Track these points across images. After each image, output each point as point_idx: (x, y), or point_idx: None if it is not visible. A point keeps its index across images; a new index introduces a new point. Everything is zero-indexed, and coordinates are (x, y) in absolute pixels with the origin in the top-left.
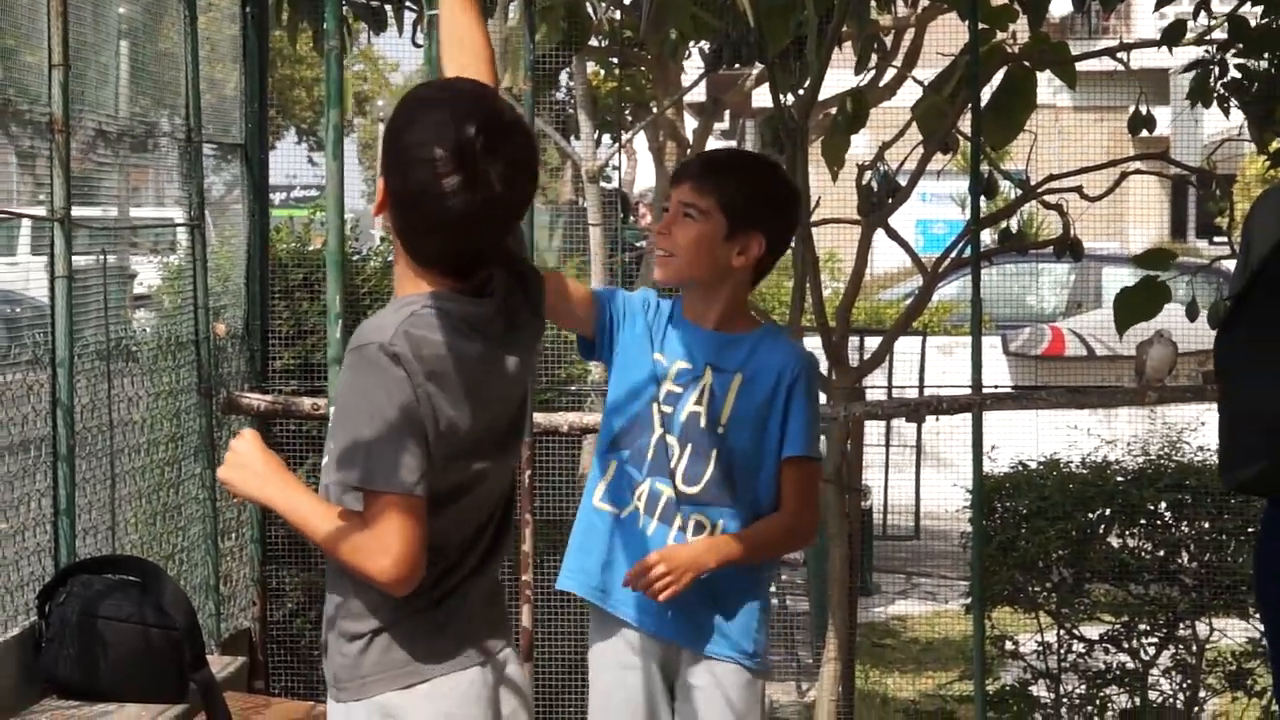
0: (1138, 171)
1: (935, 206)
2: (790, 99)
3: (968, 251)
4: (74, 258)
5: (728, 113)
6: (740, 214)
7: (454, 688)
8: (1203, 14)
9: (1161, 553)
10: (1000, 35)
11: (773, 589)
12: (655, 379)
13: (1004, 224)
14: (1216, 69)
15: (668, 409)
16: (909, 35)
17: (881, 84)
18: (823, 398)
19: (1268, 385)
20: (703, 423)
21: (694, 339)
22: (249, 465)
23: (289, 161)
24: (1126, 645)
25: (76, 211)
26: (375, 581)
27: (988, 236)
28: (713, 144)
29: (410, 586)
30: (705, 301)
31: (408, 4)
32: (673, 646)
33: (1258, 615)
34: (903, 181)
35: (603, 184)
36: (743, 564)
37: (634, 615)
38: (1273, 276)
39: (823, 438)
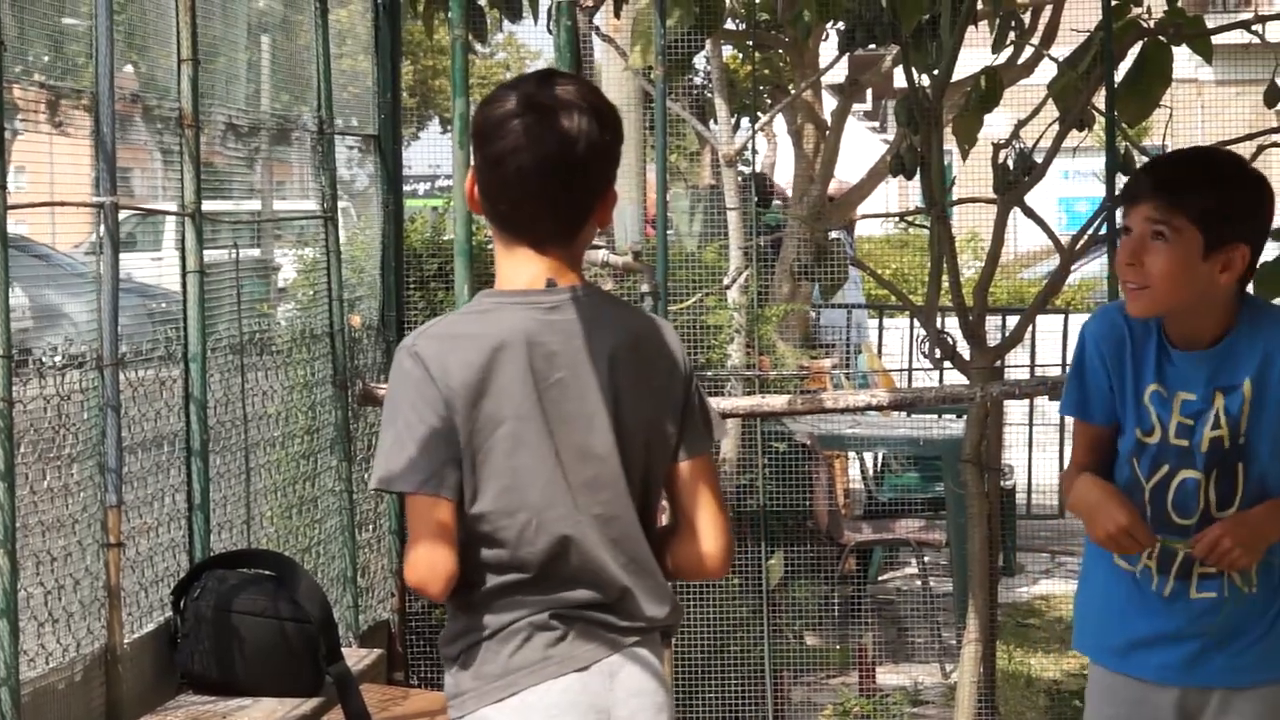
0: (1275, 145)
1: (1078, 184)
2: (925, 79)
3: (1105, 228)
4: (212, 252)
5: (869, 93)
6: (1218, 226)
7: (542, 697)
8: None
9: None
10: (1135, 10)
11: (914, 570)
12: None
13: None
14: None
15: (1182, 443)
16: (1046, 12)
17: (1019, 62)
18: (960, 378)
19: None
20: (1226, 444)
21: (1195, 366)
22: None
23: (433, 151)
24: None
25: (215, 206)
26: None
27: None
28: (854, 125)
29: (437, 589)
30: (1194, 324)
31: None
32: (1204, 693)
33: None
34: (1041, 160)
35: (741, 168)
36: None
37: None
38: None
39: None
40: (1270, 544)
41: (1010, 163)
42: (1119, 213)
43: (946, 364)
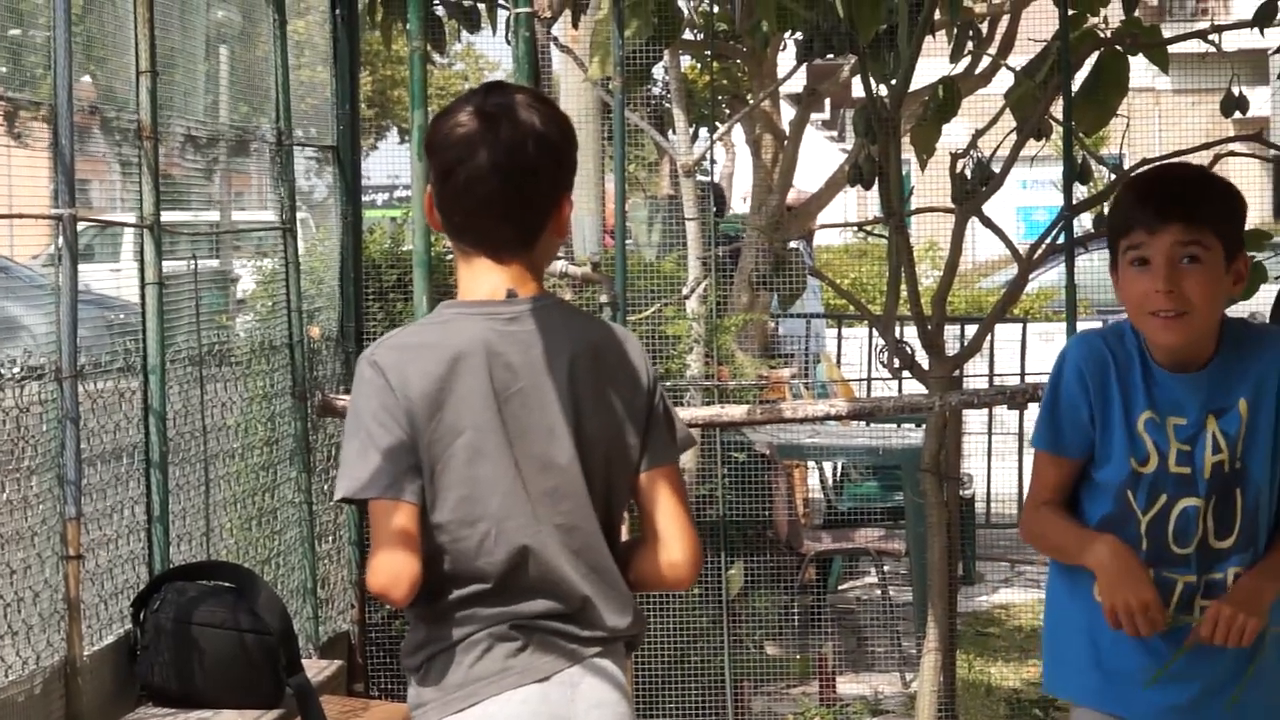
0: (1232, 154)
1: (1035, 193)
2: (883, 89)
3: (1063, 238)
4: (171, 263)
5: (827, 103)
6: (1234, 237)
7: (503, 708)
8: None
9: None
10: (1092, 20)
11: (874, 579)
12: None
13: (1100, 209)
14: None
15: (1183, 470)
16: (1003, 22)
17: (976, 72)
18: (919, 387)
19: None
20: (1226, 469)
21: (1188, 389)
22: None
23: (392, 161)
24: None
25: (173, 217)
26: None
27: (1087, 221)
28: (812, 135)
29: (399, 595)
30: (1198, 344)
31: (500, 3)
32: None
33: None
34: (999, 169)
35: (699, 178)
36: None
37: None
38: None
39: None
40: (1271, 601)
41: (968, 172)
42: (1123, 245)
43: (905, 373)
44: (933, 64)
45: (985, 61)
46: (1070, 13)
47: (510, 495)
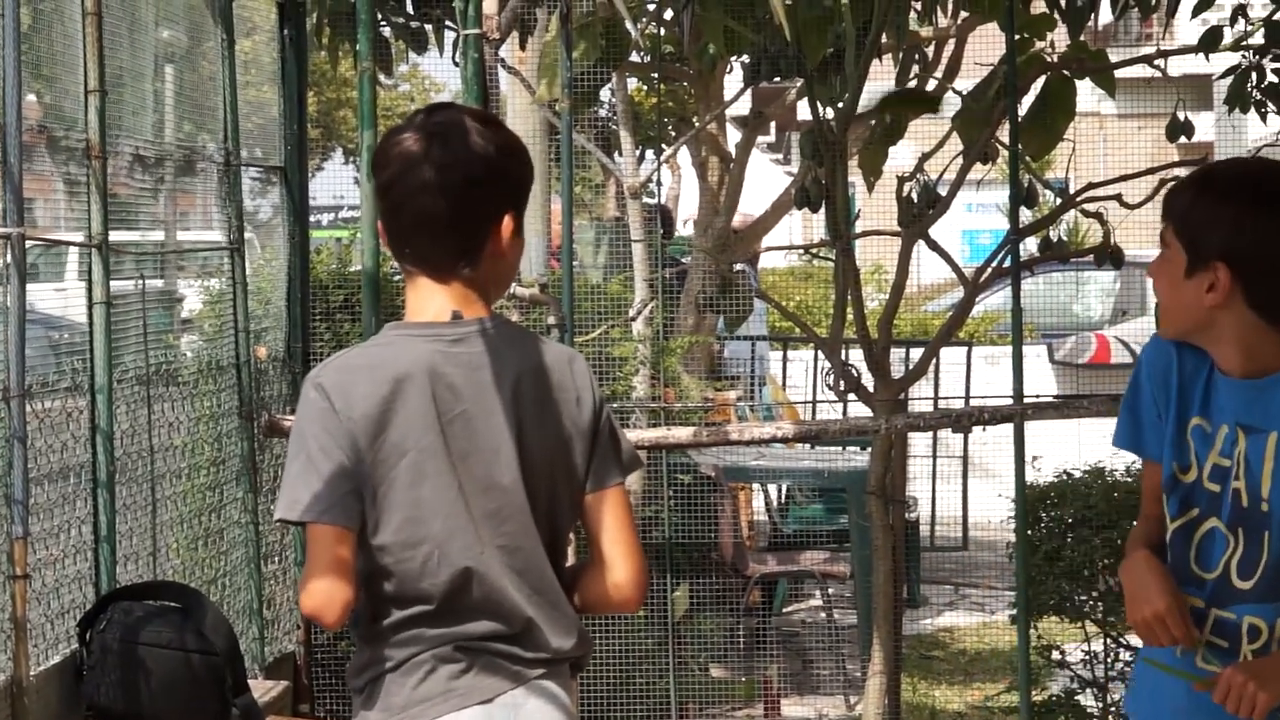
0: (1177, 179)
1: (980, 216)
2: (830, 112)
3: (1009, 261)
4: (117, 283)
5: (774, 126)
6: (1195, 240)
7: None
8: (1240, 19)
9: None
10: (1039, 44)
11: (819, 602)
12: (1196, 453)
13: (1046, 233)
14: (1255, 74)
15: (1214, 487)
16: (949, 46)
17: None
18: (865, 410)
19: None
20: (1245, 500)
21: (1228, 393)
22: None
23: (337, 182)
24: None
25: (120, 236)
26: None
27: (1032, 245)
28: (757, 157)
29: (331, 618)
30: (1217, 350)
31: (448, 24)
32: None
33: None
34: (946, 192)
35: (645, 200)
36: None
37: None
38: None
39: None
40: None
41: (914, 195)
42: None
43: (851, 396)
44: (879, 87)
45: (931, 85)
46: (1016, 37)
47: (453, 517)
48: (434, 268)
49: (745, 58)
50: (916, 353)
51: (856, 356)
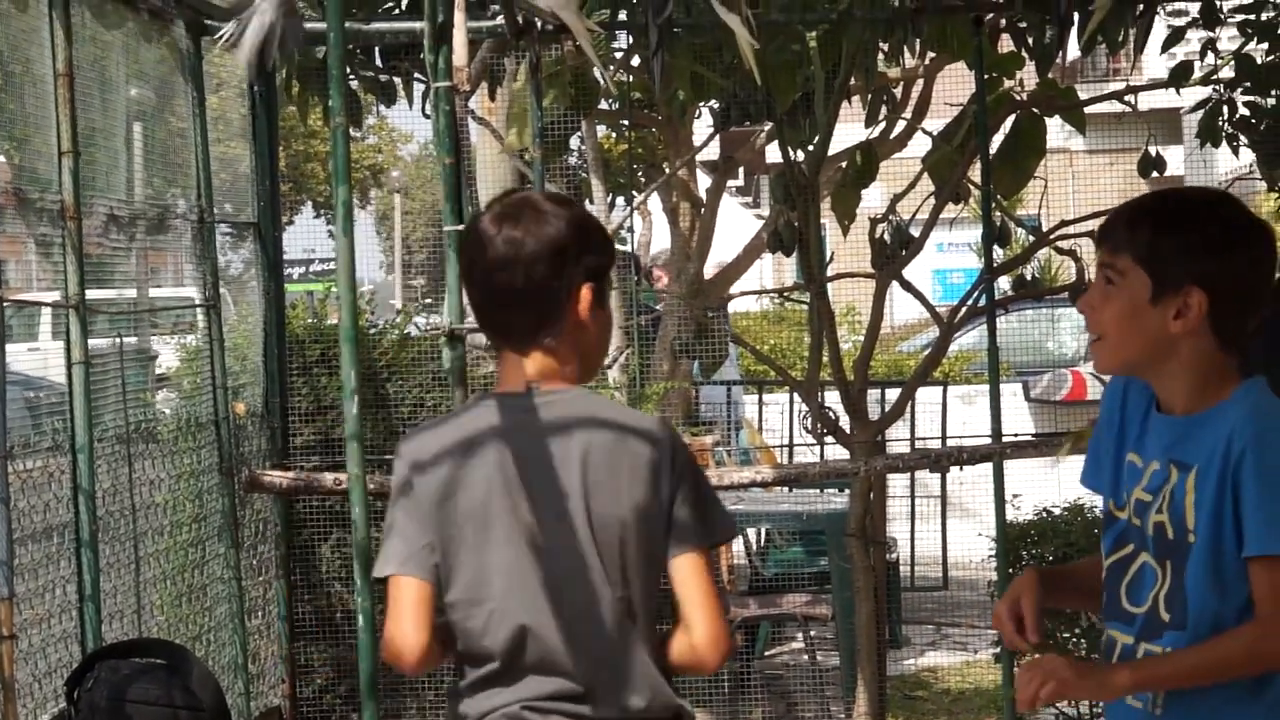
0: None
1: (952, 256)
2: (800, 155)
3: (984, 300)
4: (93, 341)
5: (742, 170)
6: (1164, 266)
7: None
8: (1210, 53)
9: None
10: (1008, 83)
11: (801, 644)
12: (1125, 489)
13: (1020, 271)
14: (1225, 108)
15: (1137, 522)
16: (918, 87)
17: (892, 136)
18: (844, 452)
19: None
20: (1170, 533)
21: (1162, 431)
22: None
23: (307, 236)
24: None
25: (94, 295)
26: None
27: (1005, 284)
28: (727, 202)
29: (407, 664)
30: (1163, 384)
31: (416, 76)
32: None
33: None
34: (918, 233)
35: (617, 247)
36: (1185, 686)
37: None
38: None
39: None
40: (1120, 688)
41: (887, 236)
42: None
43: (829, 438)
44: (849, 129)
45: (901, 126)
46: (985, 76)
47: (513, 576)
48: (513, 341)
49: (714, 103)
50: (892, 394)
51: (833, 399)
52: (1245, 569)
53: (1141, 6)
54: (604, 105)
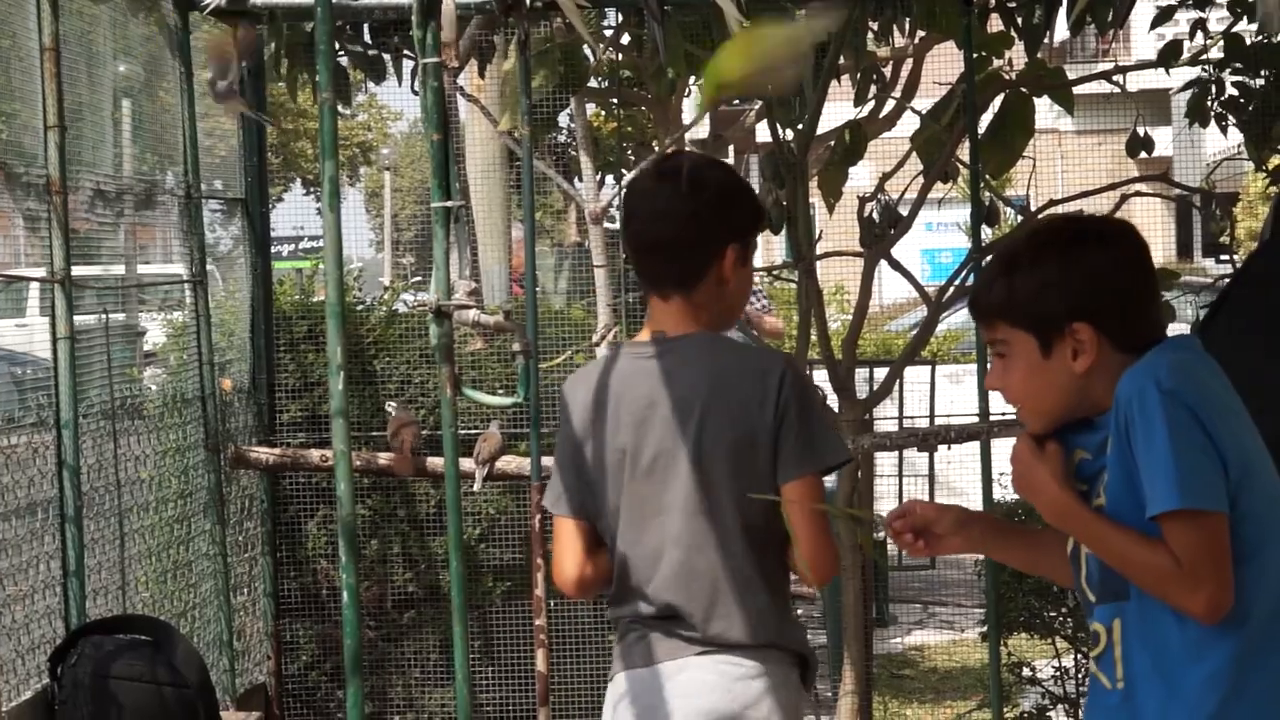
0: (1138, 194)
1: (941, 235)
2: (789, 133)
3: (972, 279)
4: (79, 317)
5: (731, 149)
6: (1036, 317)
7: (622, 681)
8: (1199, 33)
9: None
10: (997, 62)
11: None
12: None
13: None
14: (1214, 88)
15: None
16: (907, 66)
17: (881, 115)
18: None
19: (1242, 379)
20: None
21: (1099, 426)
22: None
23: (297, 213)
24: None
25: (81, 271)
26: None
27: None
28: None
29: (568, 591)
30: (1100, 404)
31: (406, 53)
32: None
33: None
34: (906, 212)
35: (606, 225)
36: (1095, 549)
37: None
38: (1257, 272)
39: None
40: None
41: (876, 215)
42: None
43: None
44: (838, 108)
45: (890, 105)
46: (974, 55)
47: (625, 511)
48: (658, 289)
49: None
50: (880, 373)
51: (821, 377)
52: (1159, 531)
53: None
54: (593, 83)
